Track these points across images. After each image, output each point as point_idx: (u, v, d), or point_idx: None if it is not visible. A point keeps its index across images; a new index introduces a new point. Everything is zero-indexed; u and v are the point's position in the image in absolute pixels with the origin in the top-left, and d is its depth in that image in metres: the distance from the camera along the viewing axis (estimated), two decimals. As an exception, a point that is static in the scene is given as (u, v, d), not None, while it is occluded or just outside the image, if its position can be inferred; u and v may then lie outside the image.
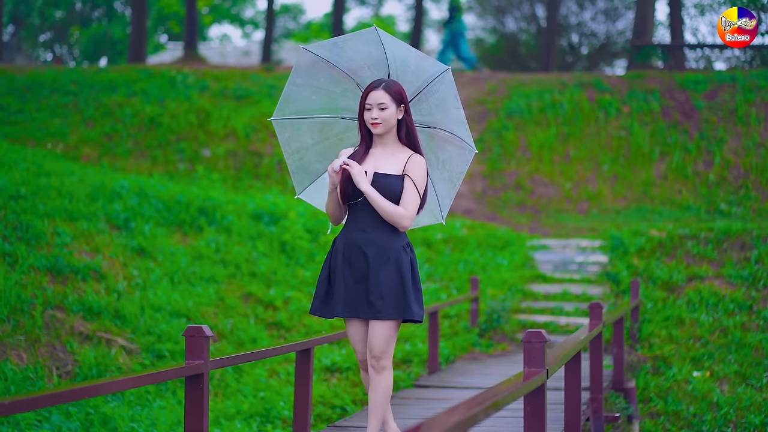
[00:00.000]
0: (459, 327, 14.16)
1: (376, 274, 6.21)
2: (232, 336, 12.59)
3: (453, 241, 17.02)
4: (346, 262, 6.30)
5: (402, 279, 6.23)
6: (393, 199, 6.24)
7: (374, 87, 6.29)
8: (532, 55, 33.88)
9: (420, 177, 6.27)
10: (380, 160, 6.33)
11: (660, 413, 12.39)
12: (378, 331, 6.24)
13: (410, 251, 6.34)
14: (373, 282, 6.21)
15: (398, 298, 6.22)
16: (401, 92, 6.30)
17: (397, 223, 6.23)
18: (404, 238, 6.33)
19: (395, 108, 6.28)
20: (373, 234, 6.26)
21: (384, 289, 6.20)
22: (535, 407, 5.84)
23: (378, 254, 6.23)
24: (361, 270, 6.26)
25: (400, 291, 6.22)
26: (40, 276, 11.65)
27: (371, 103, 6.27)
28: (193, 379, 6.18)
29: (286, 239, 15.44)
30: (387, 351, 6.26)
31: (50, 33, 43.77)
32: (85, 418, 9.77)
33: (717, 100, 23.12)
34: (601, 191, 21.06)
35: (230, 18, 51.79)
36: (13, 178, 14.21)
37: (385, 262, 6.22)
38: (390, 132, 6.34)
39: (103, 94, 22.87)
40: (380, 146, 6.37)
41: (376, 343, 6.24)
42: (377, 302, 6.20)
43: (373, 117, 6.27)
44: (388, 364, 6.28)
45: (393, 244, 6.26)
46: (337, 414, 11.04)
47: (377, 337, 6.24)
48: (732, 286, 14.86)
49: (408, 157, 6.30)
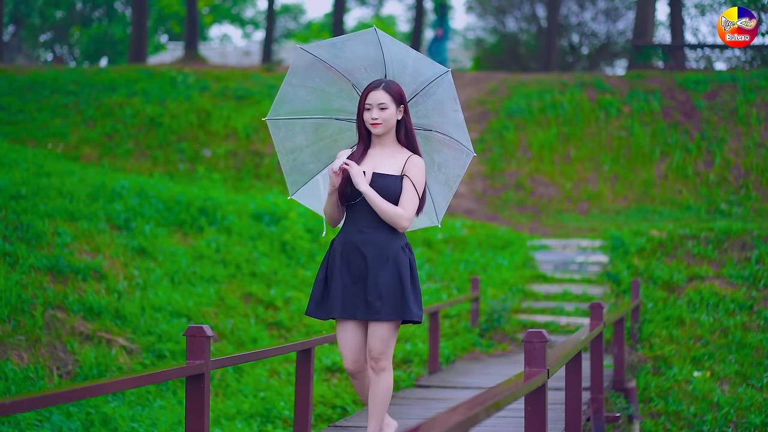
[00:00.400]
0: (459, 327, 14.16)
1: (374, 274, 6.17)
2: (232, 336, 12.59)
3: (453, 241, 17.02)
4: (344, 262, 6.25)
5: (401, 279, 6.19)
6: (391, 200, 6.21)
7: (374, 87, 6.26)
8: (533, 55, 33.88)
9: (419, 178, 6.25)
10: (379, 160, 6.30)
11: (660, 413, 12.39)
12: (377, 332, 6.19)
13: (409, 252, 6.30)
14: (371, 282, 6.17)
15: (397, 299, 6.18)
16: (401, 93, 6.27)
17: (396, 224, 6.19)
18: (403, 239, 6.29)
19: (395, 108, 6.26)
20: (372, 234, 6.22)
21: (383, 289, 6.16)
22: (536, 407, 5.84)
23: (377, 255, 6.19)
24: (360, 271, 6.21)
25: (399, 291, 6.18)
26: (41, 276, 11.65)
27: (371, 103, 6.24)
28: (194, 379, 6.18)
29: (286, 239, 15.44)
30: (386, 352, 6.21)
31: (51, 33, 43.79)
32: (85, 418, 9.77)
33: (717, 100, 23.13)
34: (601, 191, 21.06)
35: (230, 18, 51.79)
36: (14, 178, 14.20)
37: (383, 263, 6.18)
38: (389, 132, 6.31)
39: (104, 94, 22.88)
40: (379, 147, 6.34)
41: (375, 344, 6.19)
42: (376, 303, 6.15)
43: (373, 117, 6.24)
44: (388, 365, 6.24)
45: (392, 244, 6.22)
46: (338, 414, 11.03)
47: (376, 338, 6.19)
48: (732, 286, 14.86)
49: (407, 158, 6.27)
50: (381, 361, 6.21)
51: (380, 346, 6.19)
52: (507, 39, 34.43)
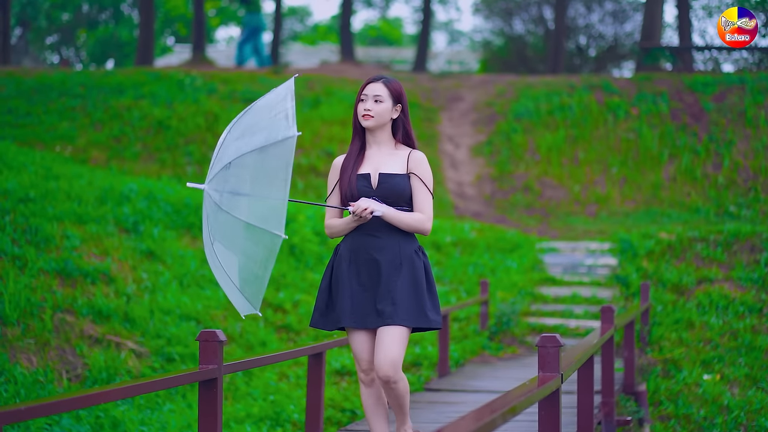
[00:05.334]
0: (469, 330, 14.15)
1: (388, 280, 5.92)
2: (241, 339, 12.58)
3: (462, 244, 17.00)
4: (352, 268, 6.01)
5: (416, 284, 5.95)
6: (398, 198, 5.99)
7: (374, 80, 6.08)
8: (540, 57, 33.86)
9: (427, 174, 6.04)
10: (380, 160, 6.08)
11: (671, 416, 12.35)
12: (390, 339, 5.89)
13: (423, 255, 6.05)
14: (384, 289, 5.91)
15: (412, 305, 5.91)
16: (400, 91, 6.08)
17: (421, 230, 5.98)
18: (415, 242, 6.05)
19: (391, 104, 6.05)
20: (384, 239, 5.98)
21: (397, 295, 5.89)
22: (549, 412, 5.82)
23: (390, 260, 5.94)
24: (371, 277, 5.96)
25: (414, 297, 5.93)
26: (50, 279, 11.65)
27: (367, 93, 6.05)
28: (206, 384, 6.15)
29: (295, 242, 15.43)
30: (398, 360, 5.88)
31: (57, 35, 43.84)
32: (95, 422, 9.75)
33: (726, 102, 23.10)
34: (610, 194, 21.03)
35: (237, 20, 51.78)
36: (22, 181, 14.20)
37: (397, 268, 5.93)
38: (383, 130, 6.09)
39: (111, 97, 22.88)
40: (375, 146, 6.12)
41: (389, 351, 5.87)
42: (387, 308, 5.88)
43: (366, 108, 6.02)
44: (401, 374, 5.93)
45: (405, 248, 5.98)
46: (347, 417, 11.01)
47: (390, 345, 5.88)
48: (742, 288, 14.83)
49: (408, 154, 6.07)
50: (396, 370, 5.88)
51: (393, 352, 5.86)
52: (514, 41, 34.41)
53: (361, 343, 6.07)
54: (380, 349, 5.91)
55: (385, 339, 5.90)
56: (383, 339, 5.90)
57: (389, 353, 5.88)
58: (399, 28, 55.32)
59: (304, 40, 52.00)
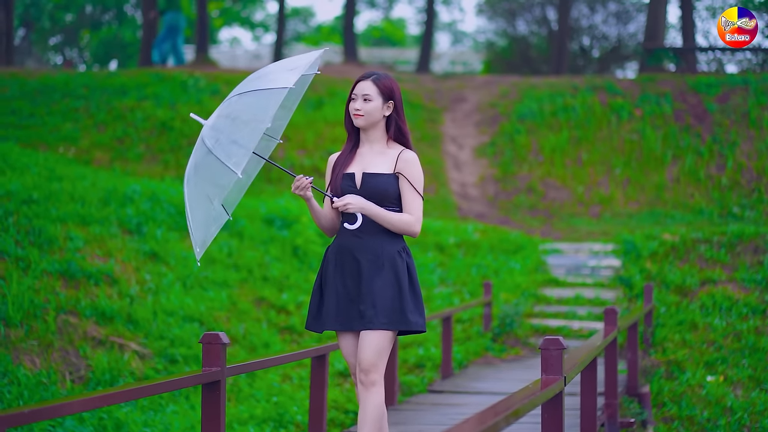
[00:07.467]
0: (472, 331, 14.14)
1: (369, 281, 5.85)
2: (244, 341, 12.58)
3: (465, 245, 17.00)
4: (338, 270, 5.96)
5: (398, 286, 5.88)
6: (383, 199, 5.92)
7: (364, 77, 6.03)
8: (544, 58, 33.85)
9: (416, 175, 5.96)
10: (368, 160, 6.01)
11: (674, 418, 12.35)
12: (367, 342, 5.83)
13: (407, 255, 5.96)
14: (365, 290, 5.85)
15: (393, 307, 5.84)
16: (392, 88, 6.01)
17: (408, 232, 5.92)
18: (400, 243, 5.97)
19: (381, 102, 5.98)
20: (367, 239, 5.91)
21: (377, 297, 5.82)
22: (552, 415, 5.81)
23: (372, 260, 5.87)
24: (353, 278, 5.90)
25: (395, 299, 5.85)
26: (53, 281, 11.65)
27: (357, 93, 6.00)
28: (210, 386, 6.16)
29: (298, 243, 15.43)
30: (377, 364, 5.82)
31: (60, 36, 43.86)
32: (98, 423, 9.75)
33: (729, 103, 23.08)
34: (613, 195, 21.02)
35: (240, 21, 51.82)
36: (25, 183, 14.20)
37: (379, 269, 5.87)
38: (376, 129, 6.03)
39: (115, 98, 22.87)
40: (367, 144, 6.06)
41: (365, 355, 5.81)
42: (368, 311, 5.82)
43: (356, 108, 5.96)
44: (379, 380, 5.84)
45: (387, 248, 5.90)
46: (350, 419, 11.02)
47: (366, 348, 5.82)
48: (745, 290, 14.82)
49: (398, 154, 5.99)
50: (371, 373, 5.82)
51: (371, 356, 5.81)
52: (518, 42, 34.39)
53: (348, 346, 6.04)
54: (359, 352, 5.89)
55: (363, 343, 5.87)
56: (362, 342, 5.88)
57: (365, 357, 5.85)
58: (402, 29, 55.30)
59: (307, 40, 51.99)
